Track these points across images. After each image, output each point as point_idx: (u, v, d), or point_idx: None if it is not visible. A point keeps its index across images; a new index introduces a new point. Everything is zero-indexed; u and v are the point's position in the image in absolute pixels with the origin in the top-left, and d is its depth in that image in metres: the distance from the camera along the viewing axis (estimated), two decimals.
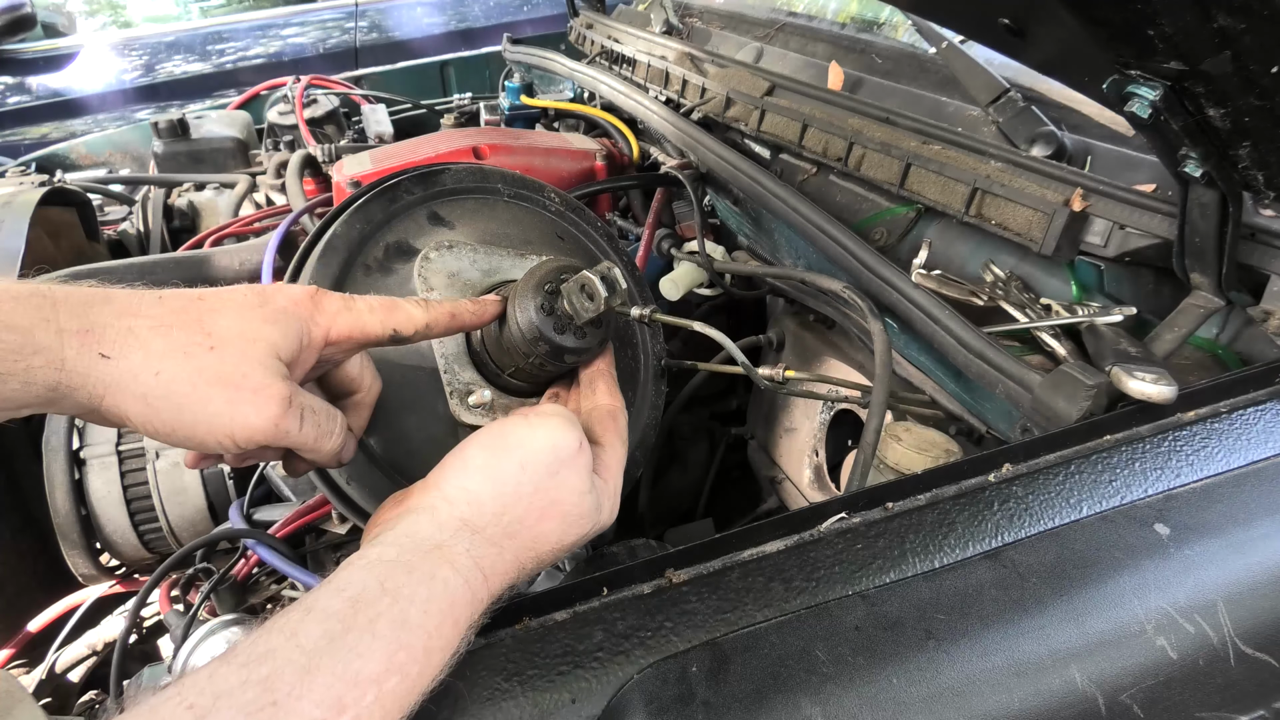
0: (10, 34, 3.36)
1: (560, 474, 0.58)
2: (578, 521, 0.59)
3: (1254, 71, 0.52)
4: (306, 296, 0.58)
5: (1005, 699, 0.49)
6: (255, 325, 0.54)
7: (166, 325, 0.52)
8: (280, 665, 0.41)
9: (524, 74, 2.05)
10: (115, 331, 0.50)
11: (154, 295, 0.53)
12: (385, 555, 0.49)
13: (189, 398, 0.51)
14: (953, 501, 0.57)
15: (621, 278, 0.66)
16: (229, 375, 0.52)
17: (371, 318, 0.61)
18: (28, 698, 0.67)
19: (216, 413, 0.52)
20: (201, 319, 0.53)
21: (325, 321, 0.58)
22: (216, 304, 0.54)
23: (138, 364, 0.50)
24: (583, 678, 0.49)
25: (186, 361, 0.51)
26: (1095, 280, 0.86)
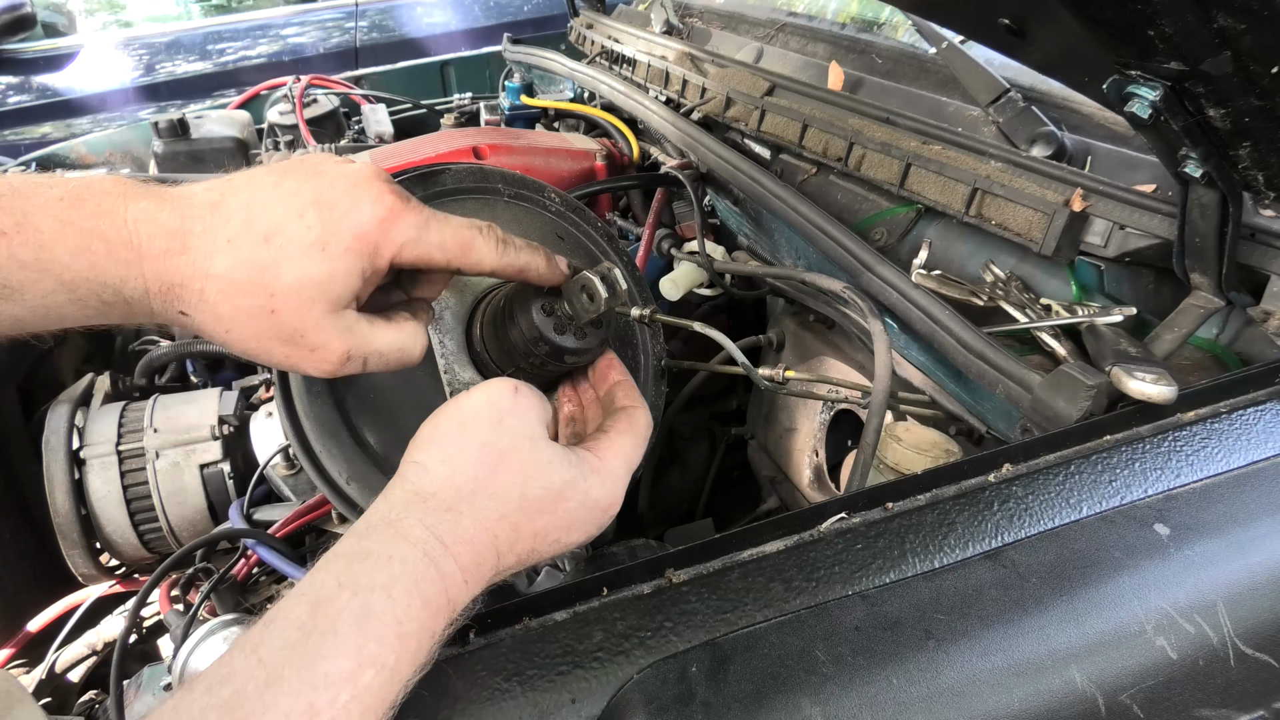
0: (10, 34, 3.36)
1: (504, 422, 0.55)
2: (539, 474, 0.55)
3: (1254, 72, 0.52)
4: (376, 226, 0.55)
5: (1005, 699, 0.49)
6: (315, 278, 0.53)
7: (233, 287, 0.53)
8: (242, 683, 0.40)
9: (524, 74, 2.05)
10: (190, 293, 0.53)
11: (224, 238, 0.52)
12: (341, 549, 0.48)
13: (255, 352, 0.55)
14: (953, 501, 0.57)
15: (622, 278, 0.66)
16: (289, 335, 0.54)
17: (440, 255, 0.58)
18: (28, 698, 0.67)
19: (280, 360, 0.56)
20: (264, 276, 0.53)
21: (390, 251, 0.56)
22: (281, 254, 0.53)
23: (210, 323, 0.54)
24: (583, 678, 0.49)
25: (250, 323, 0.54)
26: (1095, 280, 0.86)
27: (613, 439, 0.62)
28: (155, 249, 0.52)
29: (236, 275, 0.52)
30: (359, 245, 0.55)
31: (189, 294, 0.53)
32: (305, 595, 0.45)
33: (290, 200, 0.54)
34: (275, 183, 0.55)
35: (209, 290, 0.53)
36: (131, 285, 0.52)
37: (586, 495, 0.57)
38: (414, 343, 0.61)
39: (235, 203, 0.54)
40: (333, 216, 0.54)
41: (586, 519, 0.57)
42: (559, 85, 1.93)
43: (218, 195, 0.54)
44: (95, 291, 0.51)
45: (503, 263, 0.62)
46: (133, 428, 1.07)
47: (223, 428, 1.08)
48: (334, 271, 0.54)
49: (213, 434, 1.07)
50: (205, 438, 1.07)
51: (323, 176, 0.56)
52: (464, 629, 0.51)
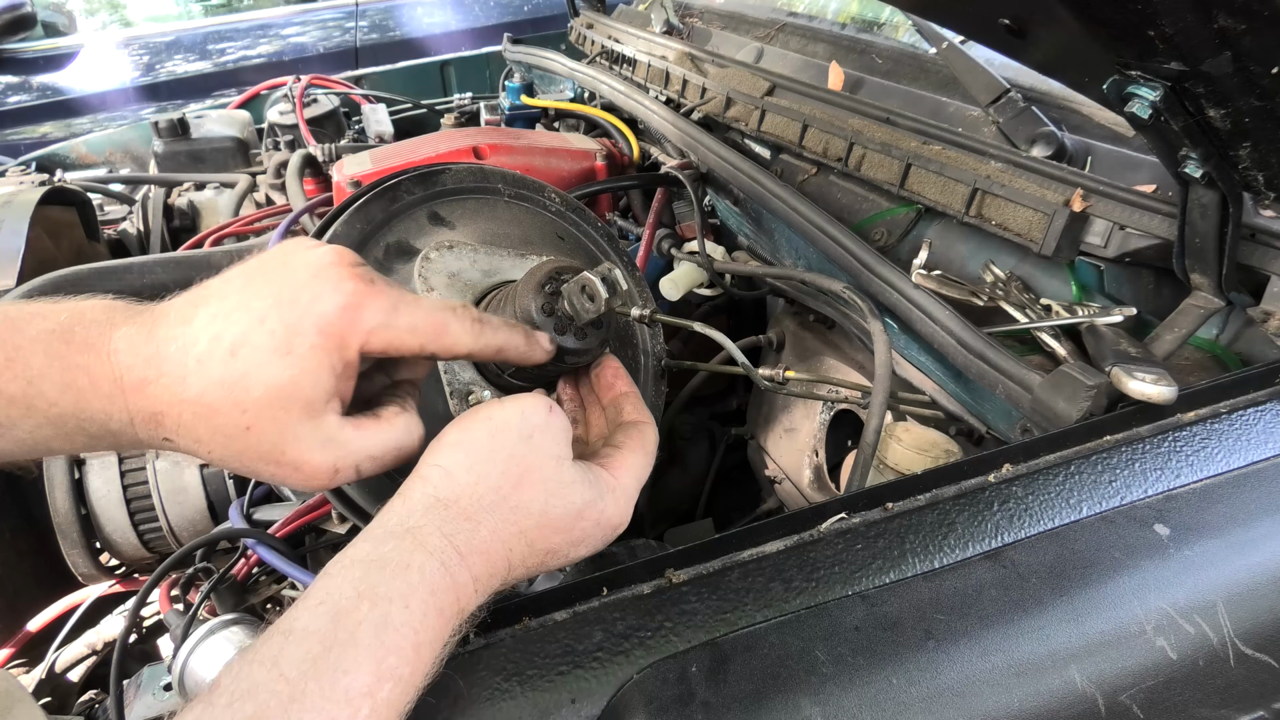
0: (10, 34, 3.37)
1: (533, 438, 0.55)
2: (561, 492, 0.55)
3: (1254, 72, 0.52)
4: (339, 316, 0.52)
5: (1005, 699, 0.49)
6: (283, 383, 0.51)
7: (208, 409, 0.51)
8: (265, 699, 0.40)
9: (524, 74, 2.05)
10: (170, 419, 0.52)
11: (194, 358, 0.51)
12: (358, 554, 0.48)
13: (243, 470, 0.54)
14: (953, 501, 0.57)
15: (622, 279, 0.66)
16: (269, 453, 0.52)
17: (412, 340, 0.56)
18: (27, 697, 0.67)
19: (271, 478, 0.55)
20: (235, 393, 0.51)
21: (358, 341, 0.54)
22: (248, 365, 0.51)
23: (193, 446, 0.53)
24: (583, 678, 0.49)
25: (230, 444, 0.52)
26: (1095, 281, 0.86)
27: (625, 456, 0.62)
28: (134, 379, 0.51)
29: (209, 397, 0.51)
30: (324, 340, 0.52)
31: (169, 420, 0.52)
32: (324, 605, 0.45)
33: (254, 303, 0.52)
34: (243, 285, 0.54)
35: (185, 415, 0.52)
36: (116, 418, 0.52)
37: (601, 514, 0.57)
38: (409, 438, 0.58)
39: (204, 317, 0.52)
40: (294, 314, 0.52)
41: (596, 535, 0.58)
42: (559, 85, 1.93)
43: (189, 309, 0.53)
44: (82, 426, 0.52)
45: (479, 344, 0.59)
46: None
47: None
48: (302, 373, 0.51)
49: None
50: None
51: (285, 269, 0.54)
52: (465, 632, 0.51)
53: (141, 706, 0.90)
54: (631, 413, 0.67)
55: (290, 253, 0.56)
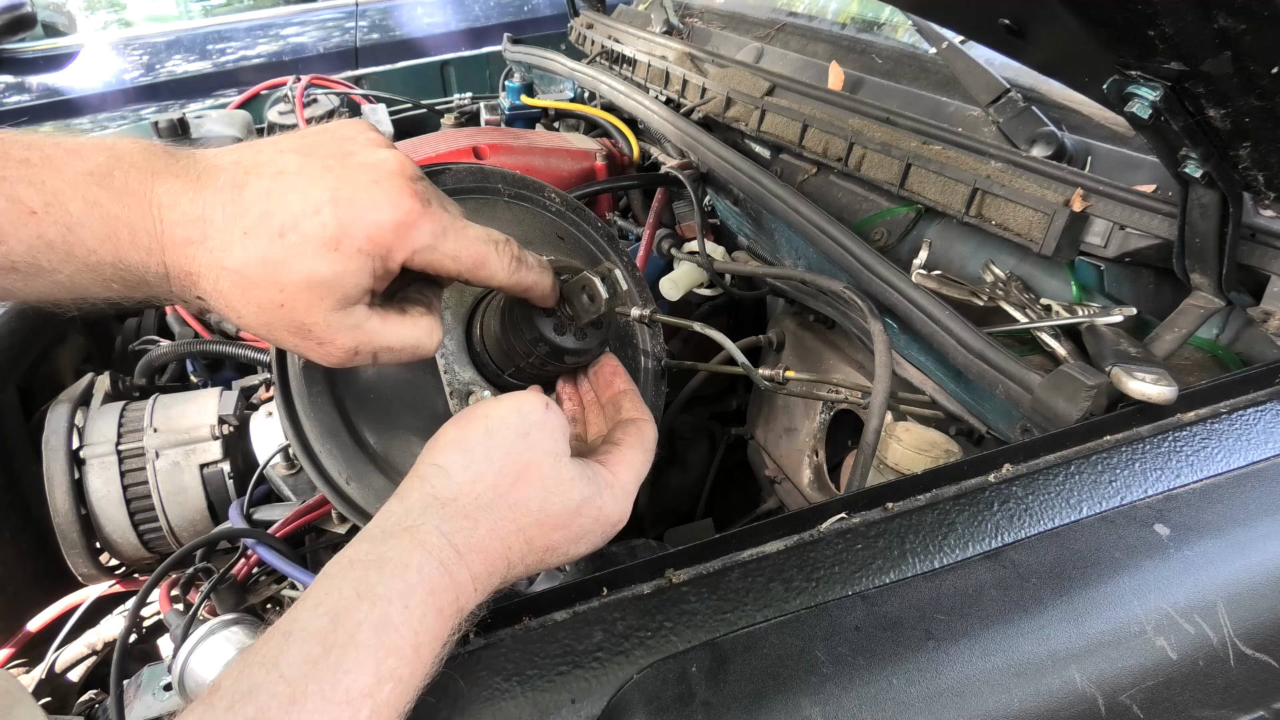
0: (10, 34, 3.36)
1: (530, 435, 0.55)
2: (559, 489, 0.55)
3: (1254, 72, 0.52)
4: (392, 230, 0.54)
5: (1005, 699, 0.49)
6: (327, 278, 0.53)
7: (245, 280, 0.53)
8: (265, 701, 0.40)
9: (524, 74, 2.05)
10: (206, 281, 0.53)
11: (240, 229, 0.52)
12: (357, 554, 0.48)
13: (266, 337, 0.57)
14: (953, 501, 0.57)
15: (622, 279, 0.66)
16: (298, 326, 0.55)
17: (453, 266, 0.58)
18: (28, 697, 0.67)
19: (289, 348, 0.58)
20: (276, 272, 0.53)
21: (403, 256, 0.56)
22: (293, 250, 0.53)
23: (224, 309, 0.55)
24: (583, 678, 0.49)
25: (261, 314, 0.54)
26: (1095, 280, 0.86)
27: (624, 453, 0.62)
28: (176, 237, 0.52)
29: (249, 270, 0.53)
30: (371, 247, 0.54)
31: (205, 283, 0.54)
32: (323, 605, 0.45)
33: (309, 190, 0.53)
34: (299, 165, 0.54)
35: (223, 281, 0.53)
36: (153, 270, 0.53)
37: (600, 511, 0.57)
38: (428, 338, 0.61)
39: (256, 190, 0.53)
40: (348, 215, 0.53)
41: (596, 532, 0.58)
42: (559, 85, 1.93)
43: (241, 175, 0.54)
44: (119, 274, 0.53)
45: (512, 280, 0.61)
46: (133, 427, 1.07)
47: (223, 427, 1.08)
48: (344, 270, 0.53)
49: (213, 434, 1.07)
50: (205, 437, 1.07)
51: (346, 166, 0.55)
52: (465, 631, 0.51)
53: (141, 706, 0.90)
54: (630, 410, 0.67)
55: (352, 143, 0.57)
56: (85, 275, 0.52)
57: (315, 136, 0.57)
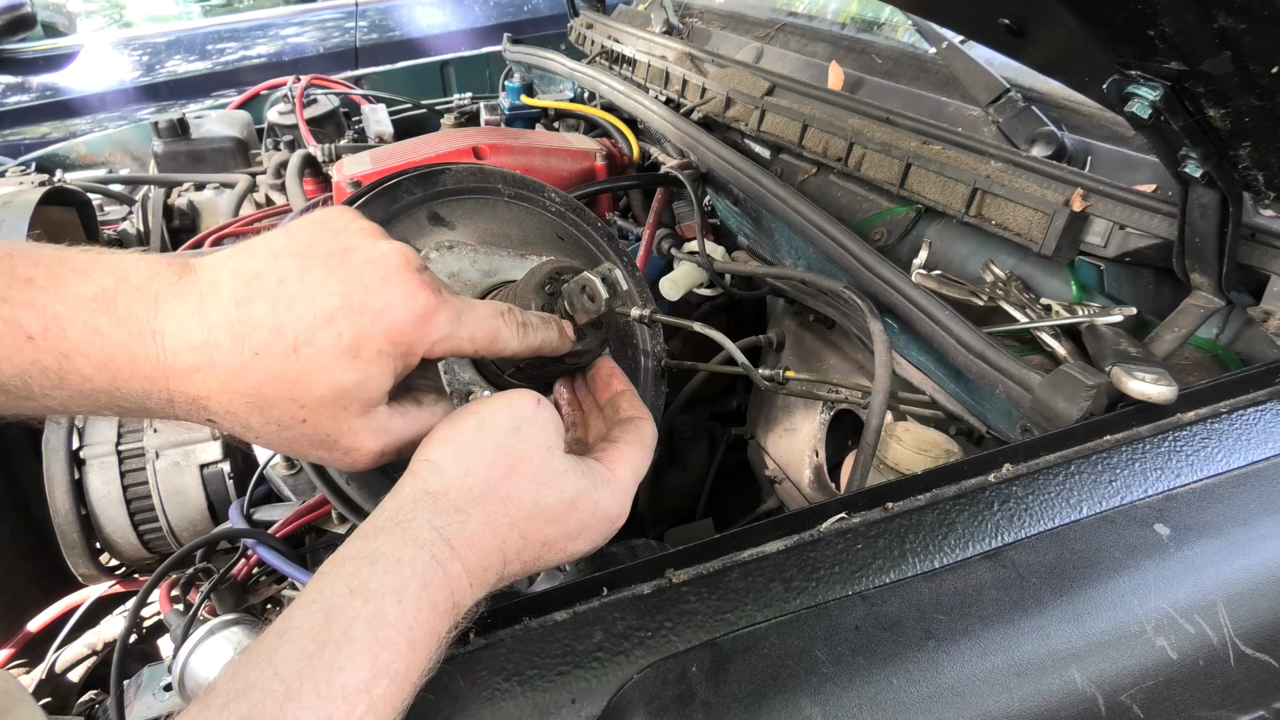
0: (10, 34, 3.36)
1: (521, 430, 0.55)
2: (552, 482, 0.54)
3: (1254, 72, 0.52)
4: (411, 328, 0.53)
5: (1005, 699, 0.49)
6: (348, 385, 0.52)
7: (261, 401, 0.51)
8: (259, 699, 0.40)
9: (524, 74, 2.05)
10: (217, 404, 0.51)
11: (251, 350, 0.50)
12: (350, 551, 0.48)
13: (289, 452, 0.56)
14: (953, 501, 0.57)
15: (622, 279, 0.66)
16: (323, 439, 0.54)
17: (469, 347, 0.58)
18: (28, 698, 0.67)
19: (313, 460, 0.58)
20: (294, 390, 0.51)
21: (423, 350, 0.55)
22: (311, 364, 0.51)
23: (240, 431, 0.53)
24: (583, 678, 0.49)
25: (281, 433, 0.53)
26: (1095, 280, 0.86)
27: (621, 449, 0.62)
28: (182, 365, 0.50)
29: (266, 390, 0.51)
30: (392, 348, 0.52)
31: (216, 406, 0.51)
32: (317, 603, 0.44)
33: (317, 298, 0.51)
34: (298, 270, 0.52)
35: (236, 404, 0.51)
36: (155, 398, 0.51)
37: (596, 506, 0.56)
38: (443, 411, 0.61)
39: (261, 305, 0.51)
40: (364, 321, 0.51)
41: (594, 528, 0.57)
42: (559, 85, 1.93)
43: (241, 289, 0.51)
44: (115, 401, 0.51)
45: (524, 346, 0.61)
46: (132, 428, 1.07)
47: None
48: (366, 376, 0.52)
49: (213, 434, 1.08)
50: (205, 438, 1.07)
51: (349, 265, 0.52)
52: (464, 629, 0.51)
53: (141, 707, 0.90)
54: (628, 409, 0.67)
55: (347, 235, 0.54)
56: (78, 401, 0.50)
57: (306, 232, 0.54)
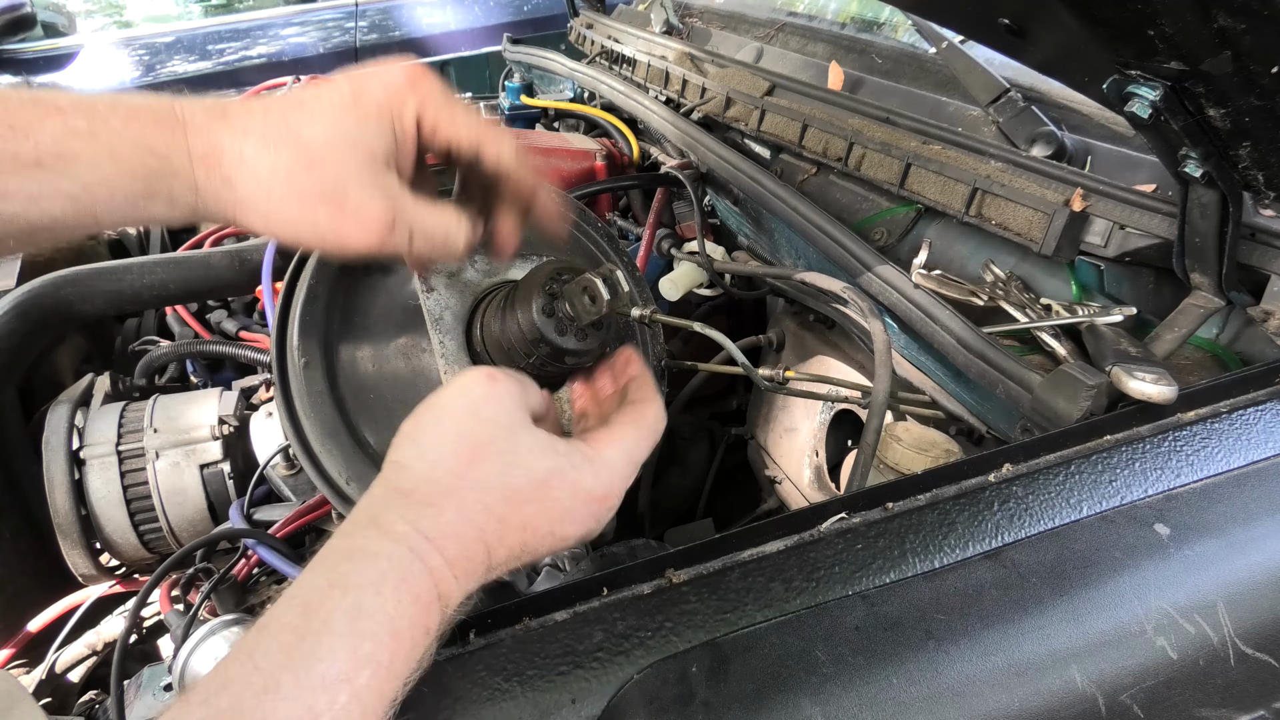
0: (10, 34, 3.36)
1: (479, 412, 0.53)
2: (519, 461, 0.52)
3: (1254, 71, 0.52)
4: (404, 82, 0.57)
5: (1005, 699, 0.49)
6: (349, 131, 0.55)
7: (269, 143, 0.54)
8: (239, 691, 0.40)
9: (524, 74, 2.05)
10: (231, 156, 0.54)
11: (262, 109, 0.55)
12: (330, 548, 0.48)
13: (300, 217, 0.55)
14: (953, 501, 0.57)
15: (623, 280, 0.66)
16: (329, 194, 0.55)
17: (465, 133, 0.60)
18: (28, 698, 0.67)
19: (325, 230, 0.56)
20: (300, 133, 0.54)
21: (416, 106, 0.58)
22: (313, 110, 0.55)
23: (252, 189, 0.55)
24: (583, 678, 0.49)
25: (290, 183, 0.54)
26: (1095, 280, 0.86)
27: (613, 430, 0.60)
28: (197, 120, 0.54)
29: (273, 134, 0.54)
30: (387, 100, 0.56)
31: (229, 157, 0.54)
32: (296, 597, 0.45)
33: (325, 83, 0.58)
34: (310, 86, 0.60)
35: (247, 150, 0.54)
36: (176, 152, 0.53)
37: (576, 485, 0.54)
38: (458, 230, 0.60)
39: (272, 95, 0.58)
40: (361, 80, 0.57)
41: (580, 510, 0.55)
42: (559, 85, 1.93)
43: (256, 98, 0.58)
44: (142, 159, 0.52)
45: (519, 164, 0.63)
46: (133, 428, 1.07)
47: (223, 428, 1.08)
48: (365, 126, 0.55)
49: (213, 434, 1.07)
50: (205, 438, 1.07)
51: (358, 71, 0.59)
52: (464, 627, 0.51)
53: (142, 707, 0.90)
54: (635, 393, 0.65)
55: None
56: (108, 166, 0.52)
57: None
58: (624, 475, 0.58)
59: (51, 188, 0.51)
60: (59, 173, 0.51)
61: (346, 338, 0.77)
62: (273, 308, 0.91)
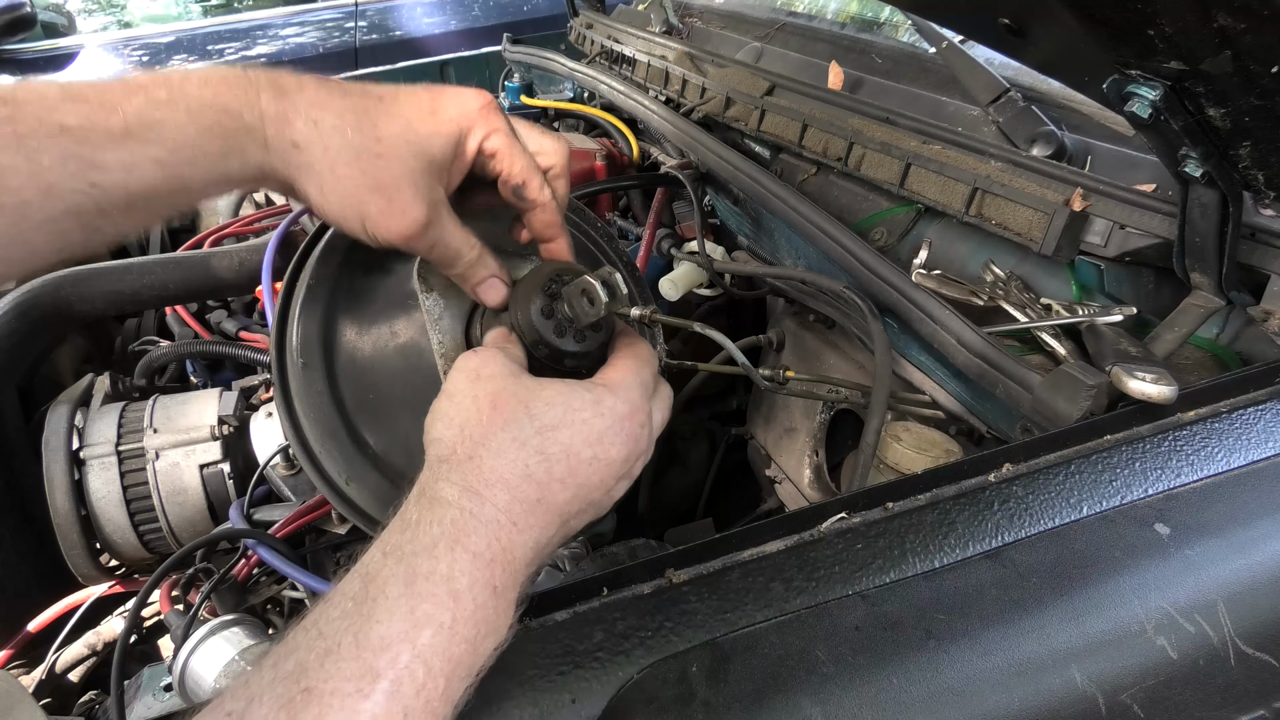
0: (10, 34, 3.36)
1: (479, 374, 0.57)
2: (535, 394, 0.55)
3: (1254, 71, 0.52)
4: (478, 109, 0.62)
5: (1005, 699, 0.49)
6: (421, 136, 0.59)
7: (346, 124, 0.57)
8: (304, 655, 0.42)
9: (524, 74, 2.05)
10: (305, 121, 0.57)
11: (341, 90, 0.58)
12: (387, 528, 0.50)
13: (352, 197, 0.59)
14: (953, 501, 0.57)
15: (622, 282, 0.66)
16: (386, 185, 0.58)
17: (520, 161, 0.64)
18: (28, 698, 0.67)
19: (369, 215, 0.59)
20: (377, 122, 0.58)
21: (484, 134, 0.62)
22: (393, 107, 0.59)
23: (318, 158, 0.57)
24: (583, 678, 0.49)
25: (356, 164, 0.58)
26: (1095, 280, 0.86)
27: (610, 361, 0.63)
28: (269, 86, 0.57)
29: (350, 117, 0.57)
30: (461, 119, 0.61)
31: (303, 123, 0.56)
32: (357, 571, 0.47)
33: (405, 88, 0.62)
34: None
35: (325, 122, 0.57)
36: (248, 109, 0.55)
37: (599, 405, 0.56)
38: (470, 250, 0.65)
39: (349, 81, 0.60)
40: (441, 96, 0.61)
41: (613, 430, 0.56)
42: (559, 85, 1.93)
43: None
44: (216, 118, 0.55)
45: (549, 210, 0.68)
46: (132, 428, 1.07)
47: (223, 428, 1.08)
48: (437, 134, 0.59)
49: (213, 434, 1.07)
50: (205, 438, 1.07)
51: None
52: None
53: (142, 707, 0.90)
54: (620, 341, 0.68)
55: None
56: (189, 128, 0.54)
57: None
58: (640, 393, 0.60)
59: (142, 154, 0.53)
60: (147, 140, 0.53)
61: (346, 338, 0.77)
62: (272, 308, 0.91)
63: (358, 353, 0.77)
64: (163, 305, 1.42)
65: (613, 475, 0.57)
